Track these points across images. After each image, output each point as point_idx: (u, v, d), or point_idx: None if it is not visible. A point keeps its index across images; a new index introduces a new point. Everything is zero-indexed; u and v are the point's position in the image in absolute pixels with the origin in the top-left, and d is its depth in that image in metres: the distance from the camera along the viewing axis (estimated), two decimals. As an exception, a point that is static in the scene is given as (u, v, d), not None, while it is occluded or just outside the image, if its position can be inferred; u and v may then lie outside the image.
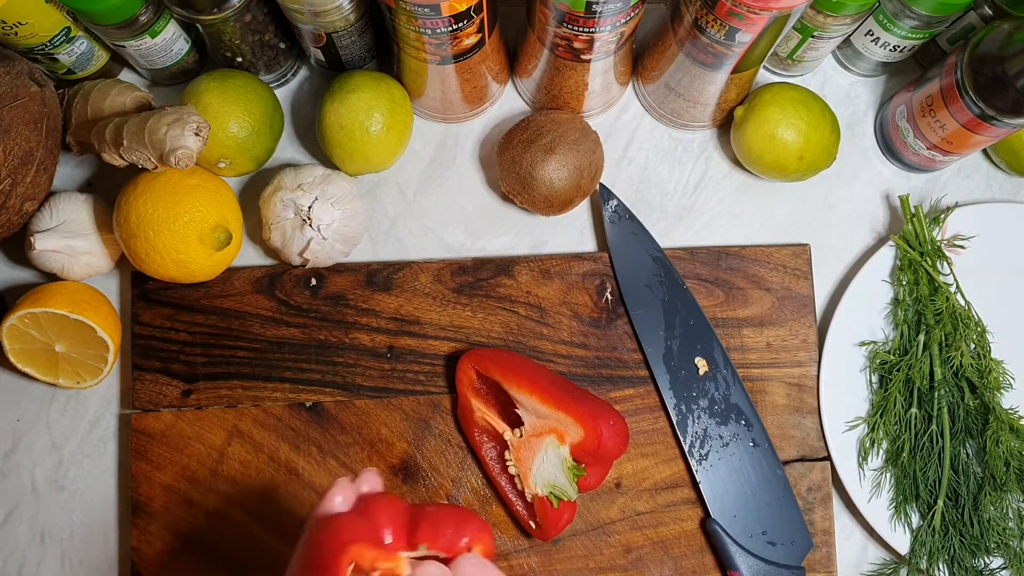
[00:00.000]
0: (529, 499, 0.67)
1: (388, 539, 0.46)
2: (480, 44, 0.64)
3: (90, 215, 0.70)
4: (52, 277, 0.72)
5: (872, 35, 0.71)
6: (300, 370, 0.71)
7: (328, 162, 0.73)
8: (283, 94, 0.76)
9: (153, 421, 0.70)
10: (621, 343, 0.71)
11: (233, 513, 0.69)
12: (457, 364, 0.68)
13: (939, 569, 0.69)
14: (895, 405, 0.70)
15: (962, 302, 0.71)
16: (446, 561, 0.46)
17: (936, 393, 0.69)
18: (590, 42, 0.63)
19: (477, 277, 0.72)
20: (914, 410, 0.70)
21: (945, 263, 0.72)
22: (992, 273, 0.72)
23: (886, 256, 0.72)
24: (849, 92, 0.77)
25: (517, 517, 0.68)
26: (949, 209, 0.73)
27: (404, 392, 0.71)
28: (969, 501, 0.69)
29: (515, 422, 0.67)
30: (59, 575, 0.71)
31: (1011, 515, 0.69)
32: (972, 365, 0.69)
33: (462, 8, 0.58)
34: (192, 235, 0.66)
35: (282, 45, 0.71)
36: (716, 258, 0.72)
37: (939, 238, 0.72)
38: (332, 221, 0.69)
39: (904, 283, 0.71)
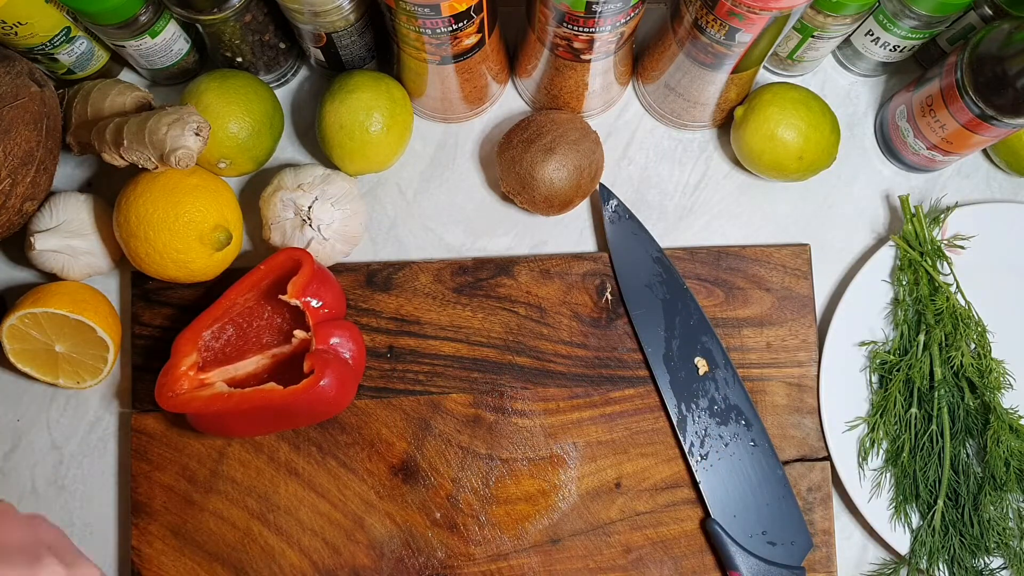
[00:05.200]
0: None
1: None
2: (480, 44, 0.64)
3: (90, 215, 0.70)
4: (52, 277, 0.72)
5: (872, 35, 0.71)
6: (300, 370, 0.71)
7: (328, 162, 0.73)
8: (283, 94, 0.76)
9: (153, 421, 0.70)
10: (621, 343, 0.71)
11: (233, 513, 0.70)
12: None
13: (939, 569, 0.69)
14: (895, 405, 0.70)
15: (962, 302, 0.71)
16: None
17: (936, 393, 0.69)
18: (590, 42, 0.63)
19: (477, 277, 0.72)
20: (914, 410, 0.70)
21: (945, 263, 0.72)
22: (992, 273, 0.72)
23: (886, 256, 0.72)
24: (849, 92, 0.77)
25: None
26: (949, 209, 0.73)
27: (404, 392, 0.71)
28: (969, 501, 0.69)
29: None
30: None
31: (1011, 515, 0.69)
32: (972, 365, 0.69)
33: (462, 8, 0.58)
34: (192, 235, 0.66)
35: (282, 45, 0.71)
36: (716, 258, 0.72)
37: (939, 238, 0.72)
38: (332, 221, 0.69)
39: (904, 283, 0.71)
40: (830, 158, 0.72)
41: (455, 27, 0.60)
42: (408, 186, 0.75)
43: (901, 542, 0.70)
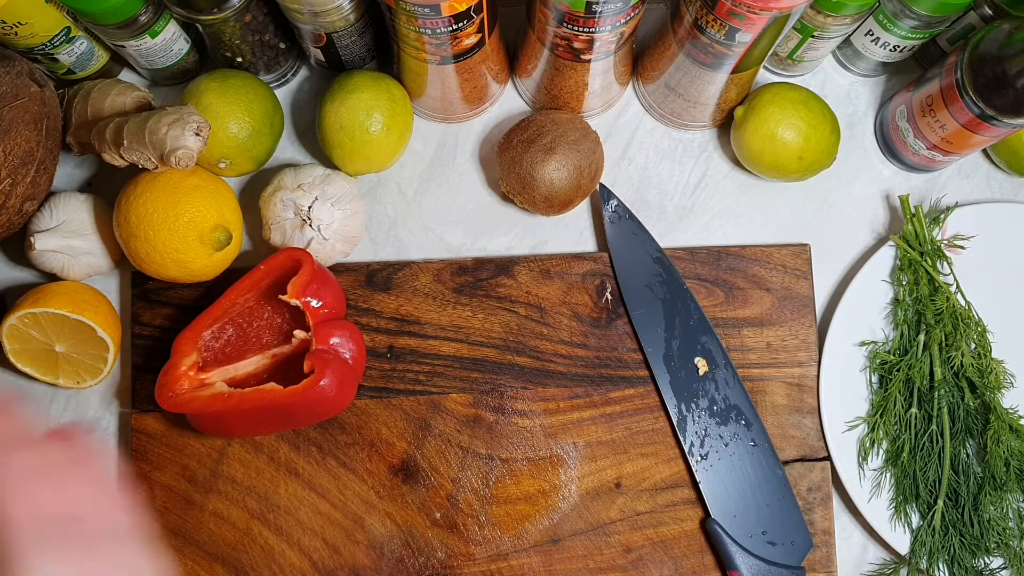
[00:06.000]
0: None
1: None
2: (480, 44, 0.64)
3: (90, 215, 0.70)
4: (52, 277, 0.72)
5: (872, 35, 0.71)
6: (300, 370, 0.71)
7: (328, 162, 0.73)
8: (283, 94, 0.76)
9: (153, 421, 0.70)
10: (621, 343, 0.71)
11: (233, 513, 0.69)
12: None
13: (939, 569, 0.69)
14: (895, 405, 0.70)
15: (962, 302, 0.71)
16: None
17: (936, 393, 0.69)
18: (590, 42, 0.63)
19: (477, 277, 0.72)
20: (914, 410, 0.70)
21: (945, 263, 0.72)
22: (992, 273, 0.72)
23: (886, 256, 0.72)
24: (849, 92, 0.77)
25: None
26: (949, 209, 0.73)
27: (404, 392, 0.71)
28: (969, 501, 0.69)
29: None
30: (59, 575, 0.71)
31: (1011, 515, 0.69)
32: (972, 365, 0.69)
33: (462, 8, 0.58)
34: (192, 235, 0.66)
35: (282, 45, 0.71)
36: (716, 258, 0.72)
37: (939, 238, 0.72)
38: (332, 221, 0.69)
39: (904, 283, 0.71)
40: (830, 158, 0.72)
41: (455, 27, 0.60)
42: (408, 186, 0.75)
43: (901, 542, 0.70)
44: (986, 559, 0.69)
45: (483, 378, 0.71)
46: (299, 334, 0.66)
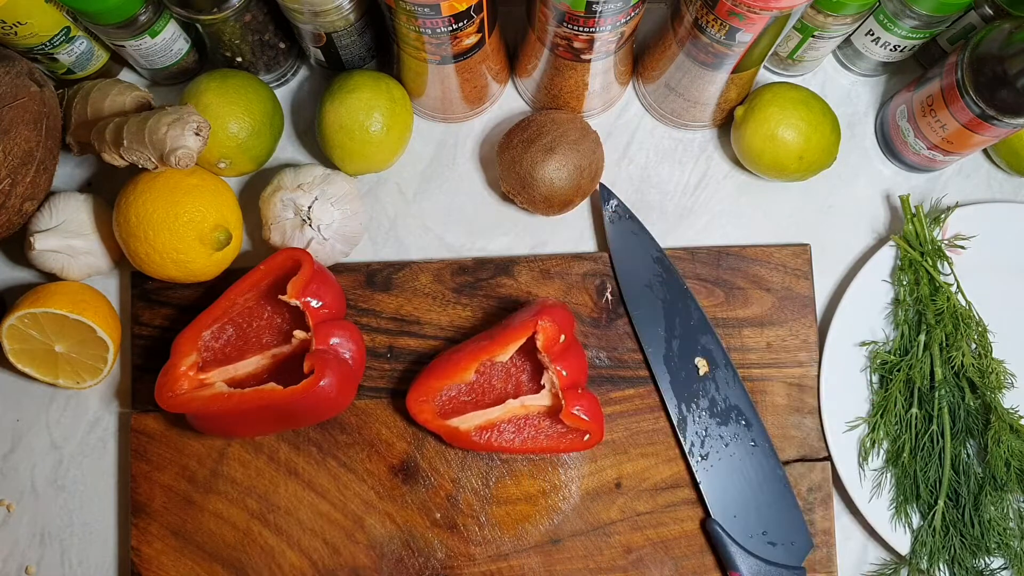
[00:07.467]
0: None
1: None
2: (480, 44, 0.64)
3: (90, 215, 0.70)
4: (52, 277, 0.72)
5: (872, 35, 0.71)
6: (300, 370, 0.71)
7: (328, 162, 0.73)
8: (283, 94, 0.76)
9: (153, 421, 0.70)
10: (621, 343, 0.71)
11: (233, 513, 0.69)
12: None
13: (940, 569, 0.69)
14: (895, 405, 0.70)
15: (963, 302, 0.71)
16: None
17: (937, 393, 0.69)
18: (590, 42, 0.63)
19: (477, 277, 0.72)
20: (915, 410, 0.70)
21: (945, 263, 0.72)
22: (993, 273, 0.72)
23: (886, 256, 0.72)
24: (849, 92, 0.77)
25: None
26: (949, 209, 0.73)
27: (404, 392, 0.70)
28: (970, 501, 0.69)
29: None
30: (59, 575, 0.71)
31: (1012, 515, 0.69)
32: (973, 365, 0.69)
33: (462, 8, 0.58)
34: (192, 235, 0.66)
35: (282, 45, 0.71)
36: (716, 258, 0.72)
37: (939, 238, 0.72)
38: (332, 221, 0.68)
39: (904, 283, 0.71)
40: (830, 158, 0.72)
41: (455, 27, 0.60)
42: (408, 186, 0.75)
43: (902, 542, 0.70)
44: (987, 559, 0.69)
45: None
46: (299, 334, 0.66)
